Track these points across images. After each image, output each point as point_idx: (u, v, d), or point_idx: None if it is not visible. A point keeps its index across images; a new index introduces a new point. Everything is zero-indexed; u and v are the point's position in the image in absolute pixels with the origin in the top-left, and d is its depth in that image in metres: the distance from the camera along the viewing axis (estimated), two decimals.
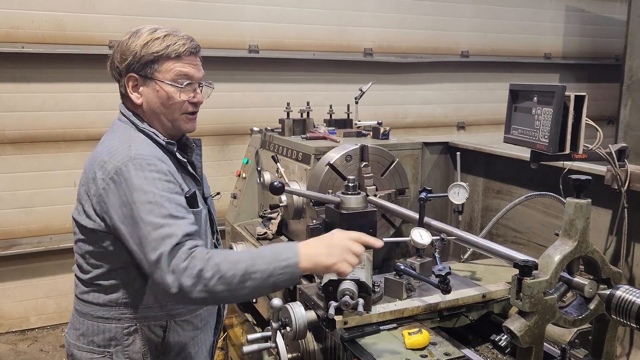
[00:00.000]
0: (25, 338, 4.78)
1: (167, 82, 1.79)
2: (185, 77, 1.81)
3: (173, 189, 1.68)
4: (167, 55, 1.77)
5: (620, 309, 1.42)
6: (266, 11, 5.32)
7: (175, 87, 1.80)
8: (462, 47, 6.33)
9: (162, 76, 1.79)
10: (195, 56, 1.84)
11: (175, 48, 1.78)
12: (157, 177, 1.66)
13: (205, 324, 1.99)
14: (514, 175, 3.07)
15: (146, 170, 1.66)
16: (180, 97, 1.81)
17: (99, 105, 4.74)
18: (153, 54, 1.77)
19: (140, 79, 1.80)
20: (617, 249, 2.38)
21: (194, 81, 1.83)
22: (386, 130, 3.17)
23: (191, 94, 1.84)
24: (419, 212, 2.21)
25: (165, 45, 1.77)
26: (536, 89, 1.87)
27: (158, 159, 1.71)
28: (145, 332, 1.82)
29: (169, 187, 1.67)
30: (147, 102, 1.82)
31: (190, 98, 1.84)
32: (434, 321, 1.96)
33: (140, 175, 1.65)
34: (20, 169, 4.68)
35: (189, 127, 1.89)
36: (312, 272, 1.64)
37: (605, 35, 7.08)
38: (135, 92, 1.82)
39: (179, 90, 1.80)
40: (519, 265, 1.46)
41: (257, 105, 5.37)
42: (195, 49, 1.84)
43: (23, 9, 4.50)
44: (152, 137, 1.82)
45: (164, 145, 1.82)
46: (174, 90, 1.80)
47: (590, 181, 1.52)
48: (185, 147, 1.98)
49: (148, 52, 1.77)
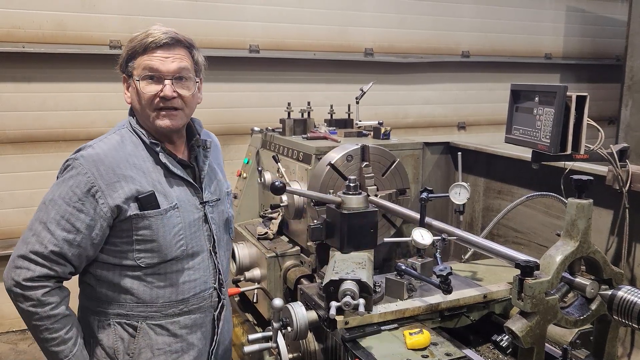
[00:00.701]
0: (25, 337, 4.77)
1: (135, 77, 1.78)
2: (150, 70, 1.76)
3: (75, 202, 1.72)
4: (136, 50, 1.78)
5: (622, 310, 1.42)
6: (267, 11, 5.32)
7: (142, 81, 1.77)
8: (462, 47, 6.33)
9: (136, 72, 1.79)
10: (165, 49, 1.77)
11: (143, 42, 1.76)
12: (70, 185, 1.73)
13: (191, 332, 1.92)
14: (515, 176, 3.07)
15: (71, 172, 1.74)
16: (144, 91, 1.77)
17: (99, 105, 4.74)
18: (128, 51, 1.80)
19: (127, 78, 1.84)
20: (619, 250, 2.38)
21: (158, 74, 1.76)
22: (387, 130, 3.17)
23: (157, 88, 1.77)
24: (420, 212, 2.20)
25: (138, 41, 1.77)
26: (537, 89, 1.86)
27: (95, 168, 1.73)
28: (117, 329, 1.85)
29: (72, 198, 1.72)
30: (132, 101, 1.85)
31: (157, 92, 1.77)
32: (435, 321, 1.95)
33: (63, 176, 1.76)
34: (20, 169, 4.68)
35: (163, 123, 1.80)
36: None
37: (606, 36, 7.08)
38: (127, 91, 1.86)
39: (146, 84, 1.77)
40: (521, 266, 1.46)
41: (258, 105, 5.37)
42: (167, 41, 1.76)
43: (24, 9, 4.49)
44: (139, 136, 1.84)
45: (149, 145, 1.83)
46: (141, 85, 1.77)
47: (592, 181, 1.52)
48: (193, 149, 1.96)
49: (126, 50, 1.81)
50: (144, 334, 1.85)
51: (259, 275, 3.00)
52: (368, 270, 1.95)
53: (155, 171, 1.82)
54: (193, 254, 1.89)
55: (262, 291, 2.97)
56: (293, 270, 2.82)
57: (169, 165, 1.84)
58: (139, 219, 1.76)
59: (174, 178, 1.86)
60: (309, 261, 2.80)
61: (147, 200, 1.77)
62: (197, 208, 1.90)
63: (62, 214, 1.72)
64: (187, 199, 1.88)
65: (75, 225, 1.72)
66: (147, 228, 1.77)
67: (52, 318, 1.74)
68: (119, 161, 1.76)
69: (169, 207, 1.81)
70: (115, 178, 1.74)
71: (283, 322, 1.93)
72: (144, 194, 1.76)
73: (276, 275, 2.88)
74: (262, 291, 2.98)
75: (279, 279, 2.88)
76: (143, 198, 1.76)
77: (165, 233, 1.80)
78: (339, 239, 2.20)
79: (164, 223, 1.80)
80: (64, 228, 1.71)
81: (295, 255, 2.91)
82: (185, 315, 1.90)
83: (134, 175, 1.77)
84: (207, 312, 1.97)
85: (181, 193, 1.86)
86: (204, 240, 1.92)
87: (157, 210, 1.78)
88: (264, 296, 2.96)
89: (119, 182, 1.74)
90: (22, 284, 1.71)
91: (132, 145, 1.82)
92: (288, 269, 2.85)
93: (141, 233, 1.78)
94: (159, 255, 1.81)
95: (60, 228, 1.71)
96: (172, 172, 1.85)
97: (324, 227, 2.30)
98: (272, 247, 2.96)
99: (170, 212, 1.81)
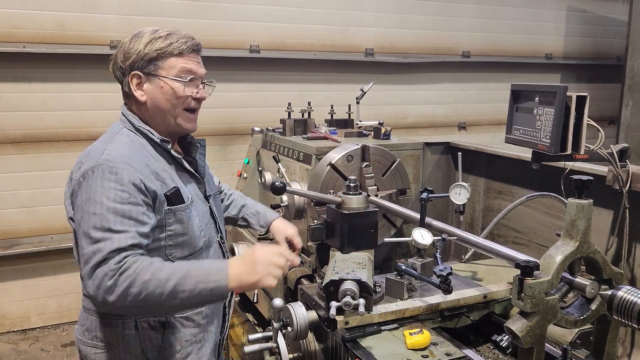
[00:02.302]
0: (26, 338, 4.78)
1: (171, 77, 1.83)
2: (189, 73, 1.85)
3: (126, 199, 1.66)
4: (170, 52, 1.82)
5: (622, 310, 1.42)
6: (267, 11, 5.32)
7: (180, 82, 1.83)
8: (463, 47, 6.33)
9: (166, 72, 1.83)
10: (196, 54, 1.90)
11: (177, 45, 1.83)
12: (113, 187, 1.66)
13: (210, 321, 1.99)
14: (515, 176, 3.07)
15: (105, 178, 1.66)
16: (185, 91, 1.85)
17: (99, 105, 4.74)
18: (156, 50, 1.81)
19: (144, 77, 1.84)
20: (619, 250, 2.38)
21: (197, 77, 1.88)
22: (387, 130, 3.17)
23: (194, 90, 1.87)
24: (420, 212, 2.21)
25: (167, 43, 1.82)
26: (538, 90, 1.86)
27: (126, 164, 1.70)
28: (144, 328, 1.84)
29: (121, 196, 1.65)
30: (151, 100, 1.85)
31: (194, 93, 1.87)
32: (435, 321, 1.96)
33: (97, 184, 1.66)
34: (21, 169, 4.69)
35: (190, 126, 1.92)
36: (240, 290, 1.67)
37: (607, 36, 7.08)
38: (140, 89, 1.85)
39: (183, 85, 1.84)
40: (521, 266, 1.46)
41: (258, 105, 5.37)
42: (197, 46, 1.89)
43: (24, 9, 4.50)
44: (147, 135, 1.86)
45: (159, 143, 1.86)
46: (179, 85, 1.83)
47: (592, 182, 1.52)
48: (190, 146, 2.03)
49: (152, 50, 1.81)
50: (172, 328, 1.88)
51: None
52: (368, 271, 1.95)
53: (169, 168, 1.87)
54: (210, 244, 1.96)
55: (262, 291, 2.97)
56: (293, 270, 2.82)
57: (183, 162, 1.91)
58: (170, 214, 1.79)
59: (184, 173, 1.93)
60: (309, 261, 2.80)
61: (175, 196, 1.80)
62: (204, 202, 1.98)
63: (122, 214, 1.64)
64: (197, 193, 1.95)
65: (139, 218, 1.67)
66: (179, 222, 1.81)
67: (148, 282, 1.55)
68: (141, 158, 1.78)
69: (189, 201, 1.87)
70: (147, 171, 1.75)
71: (283, 322, 1.93)
72: (170, 190, 1.80)
73: None
74: (262, 291, 2.98)
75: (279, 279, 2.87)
76: (171, 194, 1.79)
77: (193, 225, 1.86)
78: (339, 239, 2.21)
79: (191, 215, 1.85)
80: (131, 225, 1.64)
81: None
82: (206, 304, 1.94)
83: (158, 171, 1.80)
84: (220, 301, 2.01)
85: (192, 187, 1.94)
86: (213, 232, 2.00)
87: (184, 204, 1.83)
88: (264, 296, 2.96)
89: (151, 176, 1.76)
90: (112, 269, 1.55)
91: (140, 144, 1.85)
92: (288, 268, 2.85)
93: (173, 228, 1.80)
94: (189, 248, 1.86)
95: (129, 225, 1.64)
96: (183, 168, 1.92)
97: (324, 227, 2.30)
98: None
99: (191, 205, 1.87)
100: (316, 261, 2.67)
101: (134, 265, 1.56)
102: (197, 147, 2.02)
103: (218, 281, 1.61)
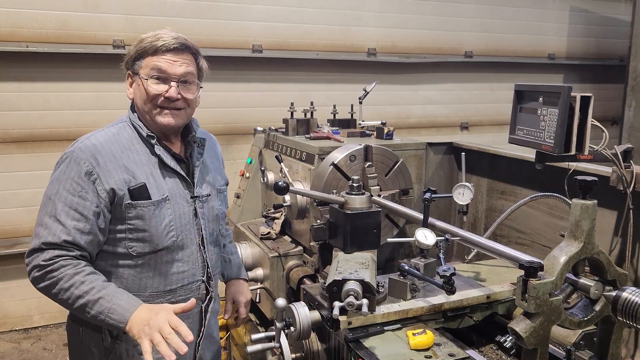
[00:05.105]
0: (28, 336, 4.79)
1: (143, 76, 1.87)
2: (158, 71, 1.86)
3: (78, 191, 1.77)
4: (146, 50, 1.87)
5: (626, 311, 1.42)
6: (270, 11, 5.32)
7: (149, 80, 1.86)
8: (465, 48, 6.32)
9: (143, 71, 1.88)
10: (174, 53, 1.87)
11: (154, 44, 1.86)
12: (72, 177, 1.79)
13: None
14: (518, 176, 3.06)
15: (70, 165, 1.80)
16: (150, 89, 1.86)
17: (102, 105, 4.75)
18: (137, 50, 1.88)
19: (132, 76, 1.92)
20: (623, 251, 2.37)
21: (165, 75, 1.86)
22: (390, 130, 3.16)
23: (163, 87, 1.87)
24: (423, 213, 2.20)
25: (148, 42, 1.86)
26: (541, 90, 1.86)
27: (91, 156, 1.80)
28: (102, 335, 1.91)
29: (75, 188, 1.78)
30: (135, 97, 1.93)
31: (163, 92, 1.87)
32: (438, 322, 1.95)
33: (62, 169, 1.81)
34: (23, 168, 4.70)
35: (164, 121, 1.90)
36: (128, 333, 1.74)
37: (610, 36, 7.07)
38: (130, 87, 1.95)
39: (152, 83, 1.86)
40: (525, 267, 1.45)
41: (261, 104, 5.38)
42: (177, 46, 1.86)
43: (27, 9, 4.51)
44: (137, 129, 1.92)
45: (145, 138, 1.91)
46: (148, 83, 1.86)
47: (596, 182, 1.51)
48: (188, 145, 2.04)
49: (136, 49, 1.89)
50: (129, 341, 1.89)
51: (262, 275, 3.00)
52: (371, 271, 1.95)
53: (149, 163, 1.90)
54: (183, 246, 1.96)
55: (265, 291, 2.97)
56: (296, 270, 2.82)
57: (163, 157, 1.92)
58: (131, 208, 1.84)
59: (167, 171, 1.94)
60: (311, 261, 2.79)
61: (139, 192, 1.84)
62: (188, 202, 1.97)
63: (70, 205, 1.77)
64: (179, 192, 1.95)
65: (84, 213, 1.78)
66: (139, 218, 1.85)
67: (64, 290, 1.74)
68: (114, 151, 1.85)
69: (160, 198, 1.88)
70: (111, 166, 1.82)
71: (286, 322, 1.93)
72: (135, 185, 1.84)
73: (279, 275, 2.88)
74: (264, 291, 2.98)
75: (282, 279, 2.88)
76: (134, 189, 1.83)
77: (156, 224, 1.87)
78: (342, 239, 2.20)
79: (155, 214, 1.87)
80: (73, 217, 1.77)
81: (298, 255, 2.91)
82: None
83: (129, 165, 1.85)
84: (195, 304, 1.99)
85: (173, 185, 1.94)
86: (194, 234, 1.99)
87: (148, 201, 1.85)
88: (267, 296, 2.96)
89: (114, 170, 1.82)
90: (40, 264, 1.74)
91: (128, 137, 1.91)
92: (291, 268, 2.85)
93: (133, 222, 1.85)
94: (150, 245, 1.88)
95: (70, 218, 1.77)
96: (165, 164, 1.93)
97: (327, 227, 2.30)
98: (275, 247, 2.96)
99: (162, 203, 1.89)
100: (319, 261, 2.66)
101: (61, 269, 1.73)
102: (192, 146, 2.03)
103: (117, 321, 1.71)
